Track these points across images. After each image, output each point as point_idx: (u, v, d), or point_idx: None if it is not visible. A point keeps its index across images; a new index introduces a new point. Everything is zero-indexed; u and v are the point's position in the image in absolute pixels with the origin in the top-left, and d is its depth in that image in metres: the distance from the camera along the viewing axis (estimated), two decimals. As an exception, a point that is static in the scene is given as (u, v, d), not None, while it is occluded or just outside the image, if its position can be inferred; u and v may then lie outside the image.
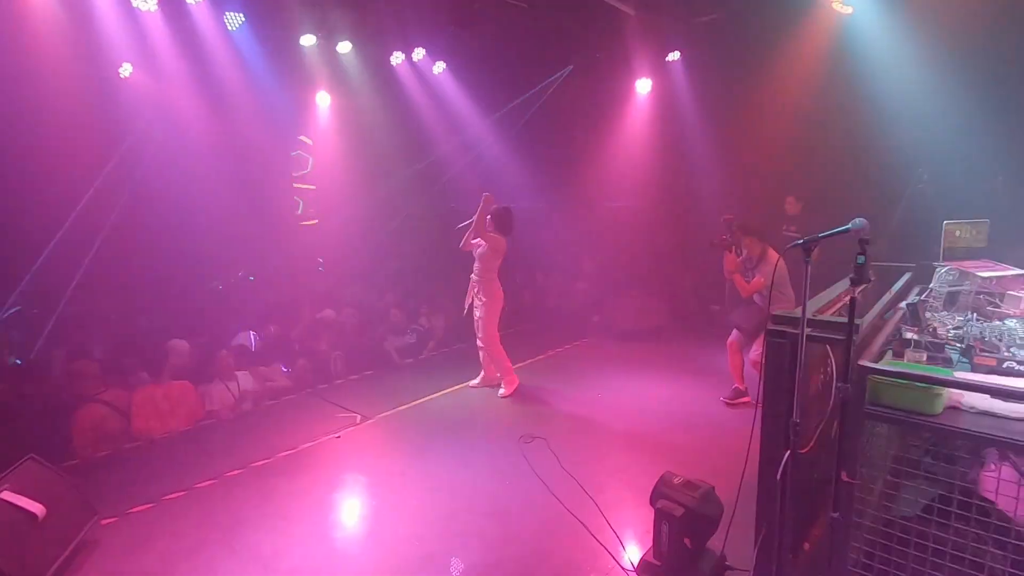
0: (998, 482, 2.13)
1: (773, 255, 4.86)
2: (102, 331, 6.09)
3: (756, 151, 7.40)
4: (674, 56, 7.79)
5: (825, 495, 2.79)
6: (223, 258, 7.28)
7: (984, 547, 2.04)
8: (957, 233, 3.64)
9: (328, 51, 6.90)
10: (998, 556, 2.03)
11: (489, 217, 5.43)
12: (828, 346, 2.52)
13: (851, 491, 2.17)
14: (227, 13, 5.74)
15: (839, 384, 1.91)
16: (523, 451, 4.39)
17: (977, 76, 5.07)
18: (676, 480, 2.88)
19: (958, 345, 2.79)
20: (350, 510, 3.84)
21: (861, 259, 1.83)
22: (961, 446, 2.38)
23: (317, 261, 8.37)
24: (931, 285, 3.59)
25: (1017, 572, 2.00)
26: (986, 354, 2.53)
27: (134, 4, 5.37)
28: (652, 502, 2.86)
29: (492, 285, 5.50)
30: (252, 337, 6.22)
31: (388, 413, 5.26)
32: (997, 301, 3.50)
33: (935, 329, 2.89)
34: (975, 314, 3.06)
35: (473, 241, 5.45)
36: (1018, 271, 3.40)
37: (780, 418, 2.43)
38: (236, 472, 4.20)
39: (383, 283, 8.19)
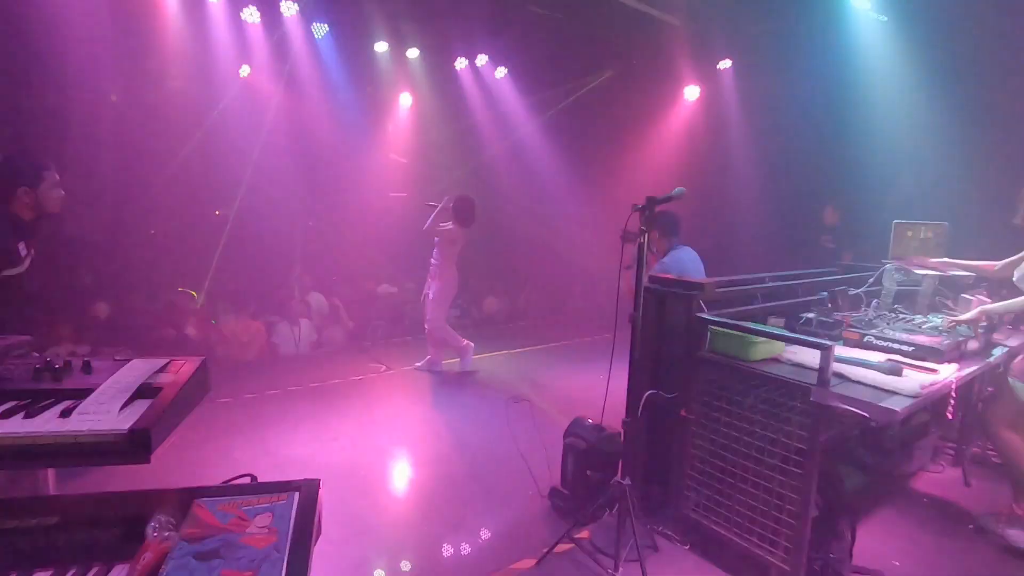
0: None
1: (665, 262, 3.91)
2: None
3: (794, 159, 7.36)
4: (725, 64, 7.93)
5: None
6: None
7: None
8: (909, 234, 3.65)
9: (399, 57, 7.89)
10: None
11: (451, 206, 5.54)
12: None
13: (688, 426, 2.59)
14: (314, 24, 6.90)
15: (631, 313, 2.39)
16: (508, 407, 5.02)
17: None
18: (588, 422, 3.36)
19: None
20: (374, 426, 4.76)
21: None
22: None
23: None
24: (883, 283, 3.70)
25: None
26: (853, 329, 2.77)
27: (243, 17, 6.64)
28: (564, 437, 3.37)
29: (448, 271, 5.67)
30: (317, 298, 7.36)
31: (409, 368, 6.23)
32: (950, 304, 3.61)
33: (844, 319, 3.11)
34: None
35: (438, 228, 5.58)
36: (966, 267, 3.44)
37: (645, 364, 2.86)
38: (296, 388, 5.47)
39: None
